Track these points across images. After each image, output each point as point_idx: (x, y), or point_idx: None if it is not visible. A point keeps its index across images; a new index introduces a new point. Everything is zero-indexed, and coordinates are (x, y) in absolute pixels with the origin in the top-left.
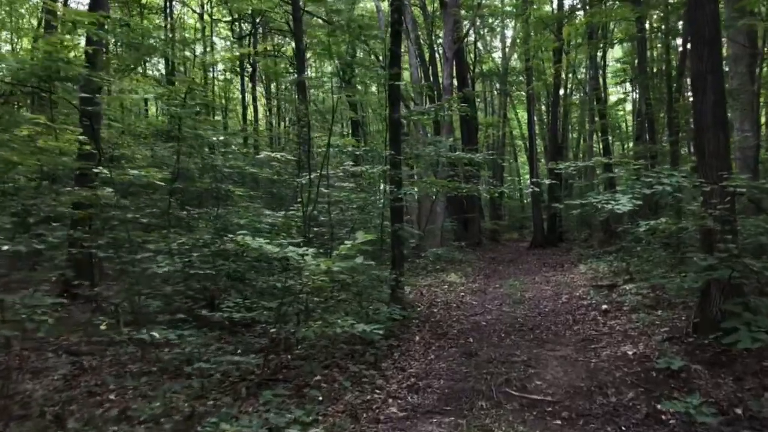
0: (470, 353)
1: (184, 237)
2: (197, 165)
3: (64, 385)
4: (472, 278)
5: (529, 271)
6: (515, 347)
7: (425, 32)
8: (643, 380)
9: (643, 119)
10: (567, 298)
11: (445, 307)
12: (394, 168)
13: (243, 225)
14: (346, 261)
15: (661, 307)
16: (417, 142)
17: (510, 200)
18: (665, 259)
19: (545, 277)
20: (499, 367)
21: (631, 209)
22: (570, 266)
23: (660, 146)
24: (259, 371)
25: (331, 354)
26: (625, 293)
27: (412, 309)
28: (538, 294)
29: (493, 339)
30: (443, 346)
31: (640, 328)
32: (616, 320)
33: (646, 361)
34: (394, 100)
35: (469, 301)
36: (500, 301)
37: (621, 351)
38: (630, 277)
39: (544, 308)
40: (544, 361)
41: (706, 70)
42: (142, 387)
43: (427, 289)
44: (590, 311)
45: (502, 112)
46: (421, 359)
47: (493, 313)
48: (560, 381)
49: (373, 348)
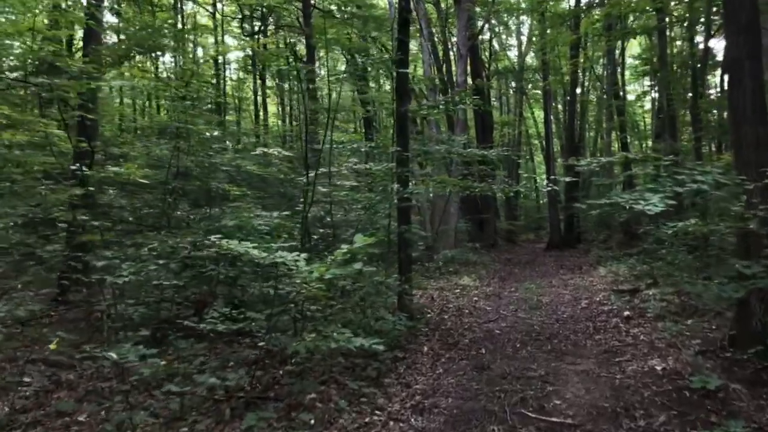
0: (482, 366)
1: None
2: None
3: (34, 402)
4: (487, 281)
5: (546, 273)
6: (531, 360)
7: (439, 29)
8: (675, 401)
9: (665, 116)
10: (586, 303)
11: (457, 314)
12: (401, 165)
13: (233, 227)
14: (342, 267)
15: (688, 315)
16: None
17: (526, 200)
18: (691, 262)
19: (563, 281)
20: (514, 383)
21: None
22: (589, 269)
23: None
24: (249, 388)
25: (329, 368)
26: (649, 299)
27: (421, 316)
28: (556, 299)
29: (507, 350)
30: (453, 358)
31: (668, 338)
32: (639, 328)
33: (678, 379)
34: (402, 93)
35: (482, 307)
36: (515, 307)
37: (648, 365)
38: (653, 282)
39: (563, 314)
40: (563, 376)
41: (743, 56)
42: (117, 406)
43: (439, 293)
44: (611, 318)
45: (518, 110)
46: (429, 373)
47: (508, 320)
48: (582, 400)
49: (376, 361)
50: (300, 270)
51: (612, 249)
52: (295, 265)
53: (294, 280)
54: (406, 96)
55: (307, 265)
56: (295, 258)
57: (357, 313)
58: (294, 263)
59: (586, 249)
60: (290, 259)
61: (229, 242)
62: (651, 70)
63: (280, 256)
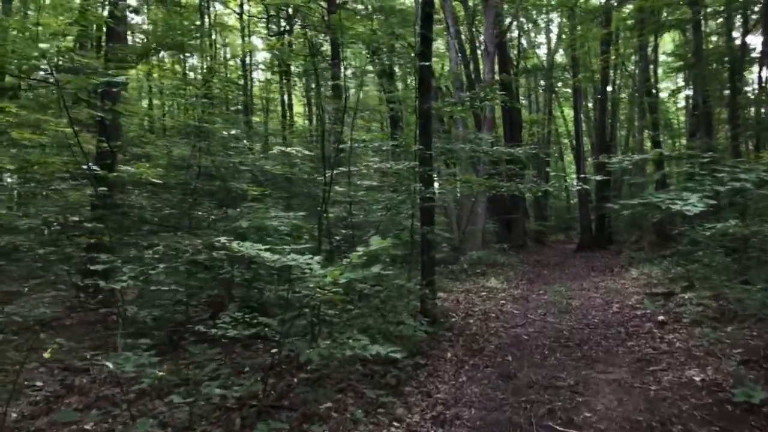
0: (508, 375)
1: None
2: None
3: (43, 408)
4: (514, 283)
5: (576, 275)
6: (560, 368)
7: (466, 26)
8: (716, 416)
9: (700, 113)
10: (618, 307)
11: (483, 318)
12: (424, 164)
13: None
14: (357, 271)
15: (727, 321)
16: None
17: (556, 200)
18: (729, 265)
19: (593, 283)
20: (541, 393)
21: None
22: (620, 271)
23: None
24: (263, 395)
25: (347, 375)
26: (684, 303)
27: (445, 320)
28: (586, 302)
29: (534, 357)
30: (477, 365)
31: (706, 346)
32: (675, 334)
33: (719, 391)
34: (424, 88)
35: (509, 310)
36: (544, 311)
37: (686, 376)
38: (689, 285)
39: (593, 319)
40: (594, 386)
41: None
42: (125, 413)
43: (465, 296)
44: (645, 323)
45: (547, 109)
46: (451, 381)
47: (536, 325)
48: (614, 413)
49: (396, 368)
50: (314, 273)
51: (644, 250)
52: (309, 268)
53: (307, 284)
54: (428, 92)
55: (322, 268)
56: (307, 261)
57: (376, 318)
58: (307, 266)
59: (617, 250)
60: (302, 261)
61: (240, 244)
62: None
63: (293, 259)
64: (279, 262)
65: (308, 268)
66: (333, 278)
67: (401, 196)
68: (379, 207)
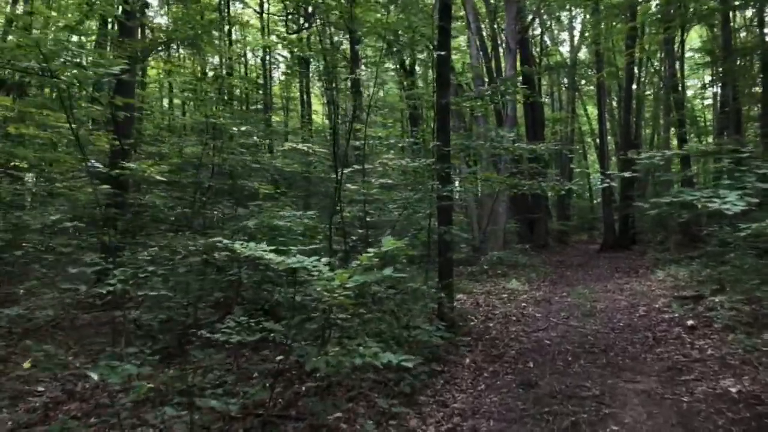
0: (529, 383)
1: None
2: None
3: (41, 415)
4: (536, 285)
5: (599, 276)
6: (585, 376)
7: (487, 23)
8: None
9: (730, 109)
10: (645, 310)
11: (503, 321)
12: (442, 161)
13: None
14: (367, 273)
15: (762, 327)
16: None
17: (579, 199)
18: (762, 267)
19: (618, 285)
20: (565, 403)
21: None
22: (645, 272)
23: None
24: (270, 404)
25: (359, 382)
26: (715, 306)
27: (464, 323)
28: (611, 305)
29: (557, 364)
30: (497, 372)
31: (741, 354)
32: (706, 340)
33: (757, 404)
34: (442, 82)
35: (531, 313)
36: (567, 314)
37: (721, 387)
38: (719, 288)
39: (618, 323)
40: (621, 396)
41: None
42: (124, 422)
43: (485, 298)
44: (673, 327)
45: (571, 107)
46: (469, 390)
47: (559, 329)
48: (643, 427)
49: (410, 375)
50: (321, 276)
51: (670, 251)
52: (317, 270)
53: (314, 287)
54: (446, 86)
55: (332, 270)
56: (312, 262)
57: (391, 322)
58: (314, 268)
59: (642, 251)
60: (308, 263)
61: (243, 245)
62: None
63: (298, 261)
64: (282, 265)
65: (316, 270)
66: (341, 281)
67: (418, 195)
68: (395, 206)
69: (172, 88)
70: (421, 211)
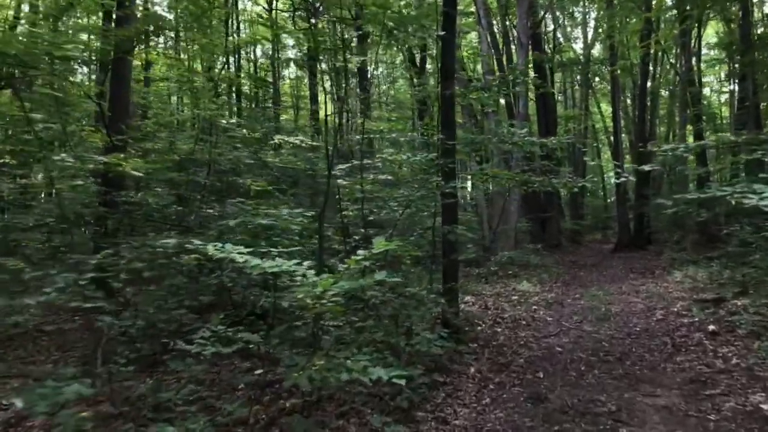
0: (539, 396)
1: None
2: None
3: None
4: (548, 286)
5: (614, 277)
6: (599, 388)
7: (499, 18)
8: None
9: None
10: (662, 313)
11: (512, 326)
12: (446, 156)
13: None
14: (354, 279)
15: None
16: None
17: (593, 198)
18: None
19: (633, 286)
20: (577, 421)
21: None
22: (662, 273)
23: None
24: (253, 421)
25: (351, 396)
26: (737, 311)
27: (470, 328)
28: (626, 308)
29: (569, 374)
30: (504, 384)
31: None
32: (730, 348)
33: None
34: (447, 72)
35: (542, 317)
36: (580, 317)
37: (751, 403)
38: (742, 290)
39: (635, 327)
40: (639, 413)
41: None
42: None
43: (494, 300)
44: (693, 333)
45: (584, 104)
46: (473, 404)
47: (571, 335)
48: None
49: (409, 388)
50: (305, 282)
51: (687, 251)
52: (299, 275)
53: (296, 294)
54: (451, 76)
55: (317, 275)
56: (292, 266)
57: (389, 330)
58: (294, 273)
59: (657, 251)
60: (287, 267)
61: (217, 247)
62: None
63: (277, 265)
64: (257, 269)
65: (300, 274)
66: (324, 287)
67: (420, 192)
68: (396, 204)
69: (181, 87)
70: (426, 210)
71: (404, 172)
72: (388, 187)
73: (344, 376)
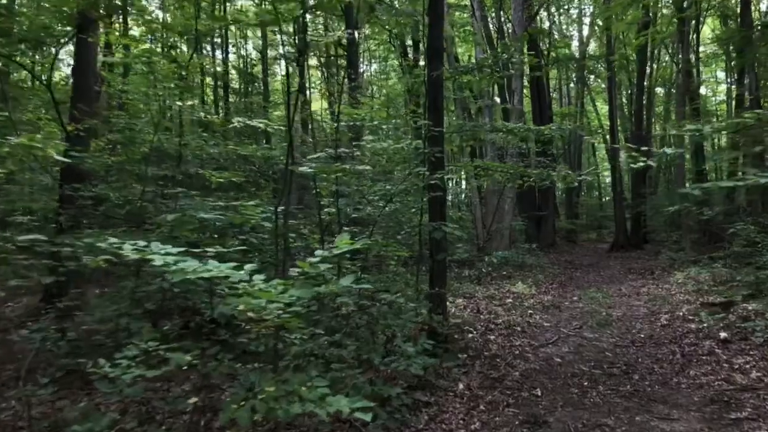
0: (536, 419)
1: None
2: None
3: None
4: (544, 287)
5: (612, 278)
6: (605, 409)
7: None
8: None
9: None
10: (667, 318)
11: (506, 332)
12: (434, 144)
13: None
14: (307, 286)
15: None
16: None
17: (588, 197)
18: None
19: (633, 288)
20: None
21: None
22: (662, 273)
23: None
24: None
25: (314, 425)
26: (749, 316)
27: (460, 336)
28: (628, 312)
29: (570, 391)
30: (496, 404)
31: None
32: (746, 358)
33: None
34: (434, 53)
35: (538, 322)
36: (580, 322)
37: None
38: (751, 293)
39: (639, 334)
40: None
41: None
42: None
43: (486, 304)
44: (703, 340)
45: (579, 102)
46: (460, 430)
47: (570, 342)
48: None
49: (385, 411)
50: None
51: (686, 251)
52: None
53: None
54: (439, 58)
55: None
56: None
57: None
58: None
59: (655, 250)
60: (218, 272)
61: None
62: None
63: (207, 269)
64: (178, 274)
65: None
66: (268, 298)
67: (403, 185)
68: (376, 198)
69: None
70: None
71: (384, 163)
72: (371, 180)
73: (295, 408)
